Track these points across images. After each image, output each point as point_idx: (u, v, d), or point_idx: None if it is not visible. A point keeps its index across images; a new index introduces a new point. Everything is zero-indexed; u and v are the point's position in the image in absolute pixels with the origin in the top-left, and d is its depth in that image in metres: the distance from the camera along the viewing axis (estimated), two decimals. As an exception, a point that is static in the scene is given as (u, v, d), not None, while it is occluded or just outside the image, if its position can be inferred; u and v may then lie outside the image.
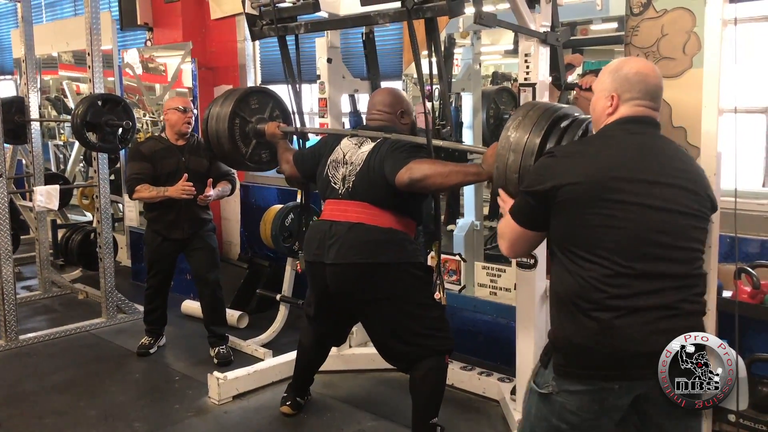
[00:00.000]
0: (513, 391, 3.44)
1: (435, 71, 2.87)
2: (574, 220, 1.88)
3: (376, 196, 2.90)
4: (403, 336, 2.99)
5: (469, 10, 2.70)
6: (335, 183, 3.01)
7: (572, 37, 3.59)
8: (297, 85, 3.49)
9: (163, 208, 4.16)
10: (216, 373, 3.72)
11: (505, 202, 2.21)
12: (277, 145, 3.57)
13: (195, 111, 4.38)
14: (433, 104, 3.32)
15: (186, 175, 4.08)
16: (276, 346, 4.39)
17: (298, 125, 3.56)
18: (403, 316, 2.96)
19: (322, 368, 3.63)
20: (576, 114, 2.37)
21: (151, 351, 4.40)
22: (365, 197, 2.91)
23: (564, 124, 2.28)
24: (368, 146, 2.99)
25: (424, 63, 2.85)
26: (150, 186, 4.10)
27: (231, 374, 3.75)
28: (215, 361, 4.22)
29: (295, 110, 3.53)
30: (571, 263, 1.90)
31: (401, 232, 2.94)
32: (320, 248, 2.96)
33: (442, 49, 4.11)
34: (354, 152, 3.01)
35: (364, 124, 3.25)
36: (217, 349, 4.28)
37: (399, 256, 2.91)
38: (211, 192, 4.15)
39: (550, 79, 3.03)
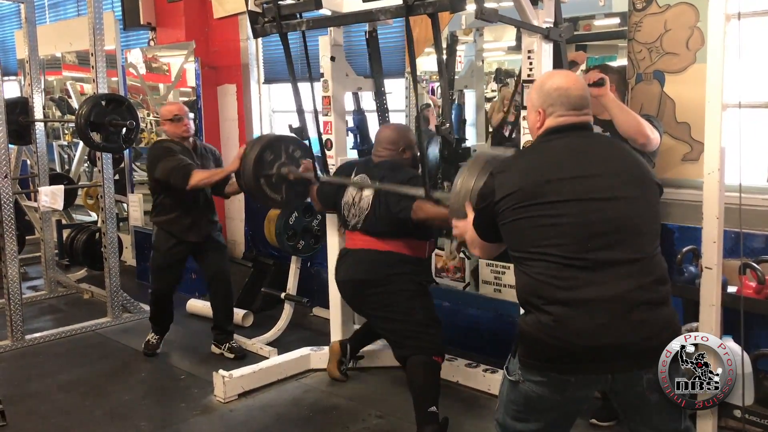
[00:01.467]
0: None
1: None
2: (517, 226, 1.99)
3: (383, 231, 3.39)
4: (392, 334, 3.40)
5: (471, 6, 2.69)
6: (350, 220, 3.51)
7: (576, 33, 3.58)
8: (309, 83, 3.55)
9: (180, 211, 4.15)
10: (221, 372, 3.73)
11: (457, 227, 2.39)
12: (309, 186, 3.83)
13: (191, 115, 4.27)
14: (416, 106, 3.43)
15: (244, 146, 3.93)
16: (281, 345, 4.40)
17: (306, 123, 3.64)
18: (394, 314, 3.34)
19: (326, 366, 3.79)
20: None
21: (158, 351, 4.39)
22: (373, 233, 3.41)
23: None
24: (369, 191, 3.44)
25: (427, 60, 2.90)
26: (201, 169, 4.04)
27: (236, 372, 3.76)
28: (231, 356, 4.27)
29: (302, 109, 3.61)
30: (522, 264, 2.01)
31: (407, 255, 3.40)
32: (339, 267, 3.58)
33: (445, 46, 4.14)
34: (359, 197, 3.48)
35: (372, 159, 3.57)
36: (228, 344, 4.33)
37: (402, 270, 3.37)
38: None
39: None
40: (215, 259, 4.32)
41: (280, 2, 3.24)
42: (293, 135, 3.74)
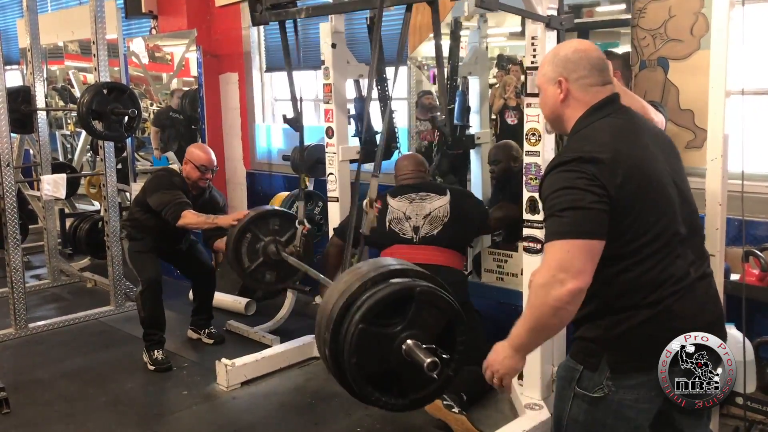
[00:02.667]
0: (520, 376, 3.44)
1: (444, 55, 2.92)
2: (627, 216, 1.77)
3: (456, 241, 3.62)
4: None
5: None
6: (405, 234, 3.61)
7: (578, 20, 3.56)
8: (287, 71, 3.53)
9: (159, 237, 4.16)
10: (224, 360, 3.74)
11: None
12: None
13: (216, 167, 4.22)
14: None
15: (243, 212, 3.96)
16: (283, 333, 4.41)
17: (301, 114, 3.62)
18: None
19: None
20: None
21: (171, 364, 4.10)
22: (444, 243, 3.56)
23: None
24: (438, 201, 3.62)
25: (429, 46, 2.89)
26: (196, 212, 3.99)
27: (239, 361, 3.77)
28: (210, 341, 4.36)
29: (296, 98, 3.57)
30: (626, 259, 1.79)
31: (461, 272, 3.66)
32: None
33: (448, 32, 4.12)
34: (417, 208, 3.63)
35: (401, 184, 3.78)
36: (207, 330, 4.41)
37: (464, 297, 3.48)
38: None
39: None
40: (198, 255, 4.45)
41: None
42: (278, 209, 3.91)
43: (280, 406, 3.55)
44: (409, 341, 1.85)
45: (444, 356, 1.88)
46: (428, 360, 1.80)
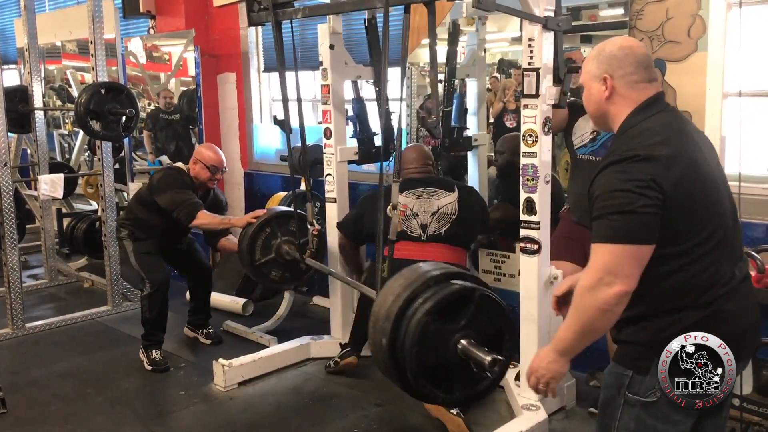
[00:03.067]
0: (517, 377, 3.45)
1: (442, 59, 2.91)
2: (683, 214, 1.74)
3: (463, 238, 3.63)
4: None
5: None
6: (412, 231, 3.57)
7: (579, 23, 3.57)
8: (279, 72, 3.50)
9: (162, 236, 4.14)
10: (221, 360, 3.74)
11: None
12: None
13: (226, 167, 4.21)
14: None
15: (259, 211, 4.00)
16: (281, 333, 4.41)
17: (289, 116, 3.58)
18: None
19: (326, 354, 3.80)
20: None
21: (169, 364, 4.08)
22: (452, 241, 3.56)
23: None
24: (446, 198, 3.59)
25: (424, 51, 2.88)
26: (210, 213, 4.00)
27: (236, 361, 3.77)
28: (208, 341, 4.35)
29: (287, 99, 3.55)
30: (677, 259, 1.77)
31: (467, 270, 3.45)
32: None
33: (447, 35, 4.13)
34: (425, 205, 3.58)
35: (408, 178, 3.66)
36: (204, 330, 4.41)
37: None
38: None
39: (552, 63, 3.00)
40: (198, 255, 4.44)
41: None
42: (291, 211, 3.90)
43: (277, 407, 3.55)
44: (463, 341, 1.94)
45: (498, 357, 1.92)
46: (489, 358, 1.87)
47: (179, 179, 4.05)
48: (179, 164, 4.25)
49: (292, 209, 3.96)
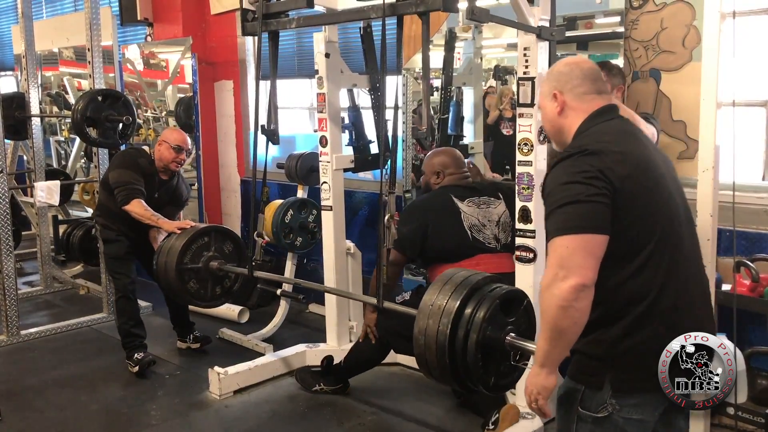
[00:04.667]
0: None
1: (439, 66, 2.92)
2: (632, 211, 1.74)
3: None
4: None
5: (464, 5, 2.69)
6: (489, 243, 3.37)
7: (574, 32, 3.58)
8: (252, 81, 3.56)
9: (126, 226, 4.05)
10: (217, 368, 3.73)
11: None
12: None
13: (191, 149, 4.18)
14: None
15: (189, 222, 3.92)
16: (277, 341, 4.41)
17: (278, 126, 3.53)
18: None
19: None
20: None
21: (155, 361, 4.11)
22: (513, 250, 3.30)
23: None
24: (500, 206, 3.42)
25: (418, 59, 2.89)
26: (145, 204, 3.91)
27: (232, 369, 3.77)
28: (197, 345, 4.34)
29: (276, 108, 3.52)
30: (630, 265, 1.75)
31: None
32: None
33: (443, 43, 4.14)
34: (487, 215, 3.40)
35: (460, 185, 3.48)
36: (191, 335, 4.37)
37: None
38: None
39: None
40: None
41: (268, 0, 3.25)
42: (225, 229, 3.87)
43: (272, 415, 3.54)
44: (510, 335, 2.16)
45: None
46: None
47: (134, 160, 4.02)
48: (144, 147, 4.20)
49: (233, 231, 3.99)
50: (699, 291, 1.87)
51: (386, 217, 2.92)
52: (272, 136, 3.51)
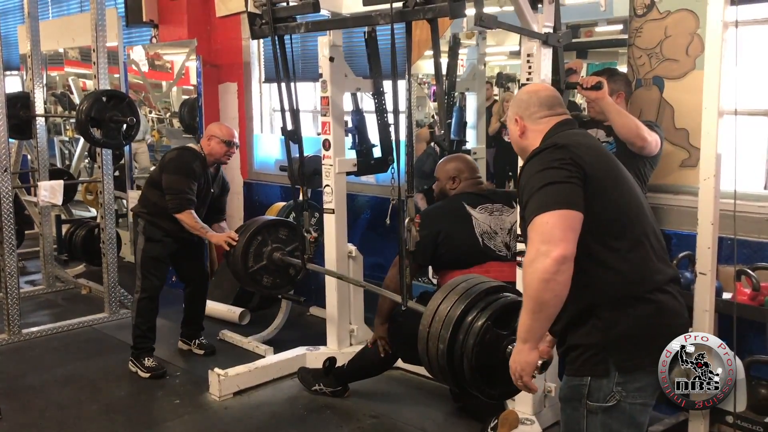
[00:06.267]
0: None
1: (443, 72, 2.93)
2: (604, 201, 1.88)
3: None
4: None
5: (472, 11, 2.70)
6: (500, 251, 3.35)
7: (576, 40, 3.59)
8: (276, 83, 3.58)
9: (178, 226, 4.01)
10: (217, 370, 3.74)
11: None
12: None
13: (238, 144, 4.22)
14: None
15: (234, 234, 3.95)
16: (277, 343, 4.41)
17: (300, 126, 3.59)
18: None
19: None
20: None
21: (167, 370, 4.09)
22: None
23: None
24: (513, 214, 3.37)
25: (429, 63, 2.91)
26: (195, 215, 3.96)
27: (232, 371, 3.77)
28: (201, 352, 4.34)
29: (287, 108, 3.55)
30: (616, 251, 1.86)
31: None
32: None
33: (447, 48, 4.15)
34: (499, 222, 3.39)
35: (472, 191, 3.48)
36: (197, 340, 4.39)
37: None
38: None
39: (550, 79, 3.03)
40: (200, 260, 4.42)
41: (276, 5, 3.26)
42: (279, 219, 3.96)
43: (272, 417, 3.54)
44: (511, 346, 2.14)
45: (546, 360, 2.07)
46: (539, 362, 1.96)
47: (189, 167, 4.00)
48: (191, 145, 4.23)
49: (280, 218, 4.05)
50: (670, 272, 1.98)
51: (407, 220, 2.93)
52: (293, 136, 3.59)
